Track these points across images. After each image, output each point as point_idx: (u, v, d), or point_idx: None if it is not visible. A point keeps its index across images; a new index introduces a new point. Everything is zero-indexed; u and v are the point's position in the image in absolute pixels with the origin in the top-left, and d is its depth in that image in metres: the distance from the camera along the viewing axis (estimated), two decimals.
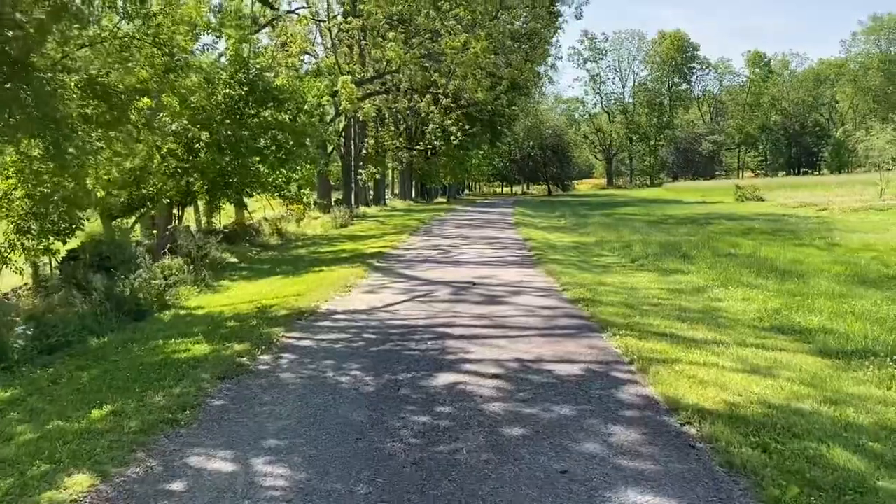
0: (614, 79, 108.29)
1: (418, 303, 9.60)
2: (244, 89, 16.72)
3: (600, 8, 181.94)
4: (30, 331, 8.20)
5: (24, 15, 7.34)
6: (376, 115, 41.32)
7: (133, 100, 10.03)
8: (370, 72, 31.07)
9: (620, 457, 4.24)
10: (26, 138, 8.69)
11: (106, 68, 9.24)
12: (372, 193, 45.35)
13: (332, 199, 36.38)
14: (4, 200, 11.14)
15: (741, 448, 4.22)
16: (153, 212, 17.89)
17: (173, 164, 16.61)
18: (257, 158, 17.63)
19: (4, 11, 7.27)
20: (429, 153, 49.97)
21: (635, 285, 10.65)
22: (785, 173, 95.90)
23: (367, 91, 31.69)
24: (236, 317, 8.99)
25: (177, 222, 19.51)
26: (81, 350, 7.92)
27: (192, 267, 12.68)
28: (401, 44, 26.02)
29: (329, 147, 33.70)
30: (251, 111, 17.07)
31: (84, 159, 8.87)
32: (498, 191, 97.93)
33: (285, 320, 8.52)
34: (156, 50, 9.86)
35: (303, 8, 28.66)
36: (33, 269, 12.27)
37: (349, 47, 29.77)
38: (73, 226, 12.79)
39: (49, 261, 14.62)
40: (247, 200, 24.51)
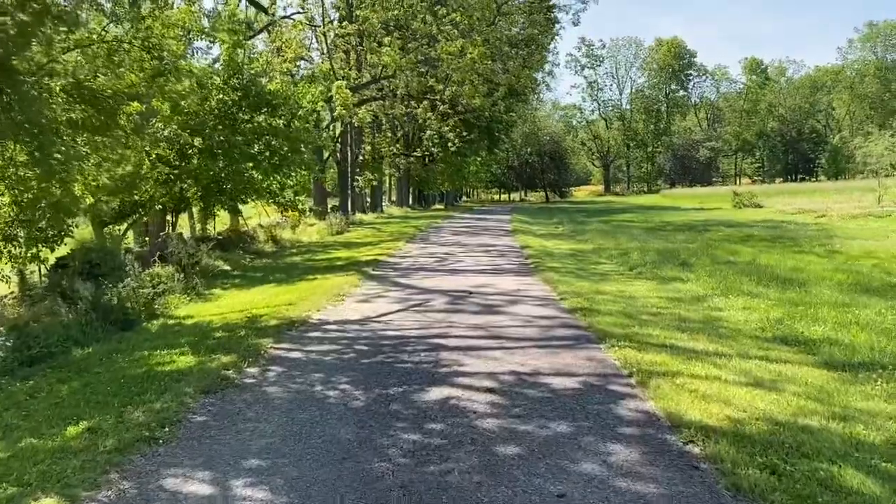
0: (611, 85, 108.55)
1: (413, 312, 9.38)
2: (237, 94, 16.52)
3: (597, 16, 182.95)
4: (10, 342, 7.95)
5: (4, 17, 7.12)
6: (373, 122, 41.21)
7: (121, 104, 9.81)
8: (366, 77, 30.92)
9: (620, 478, 4.02)
10: (10, 143, 8.46)
11: (93, 72, 9.03)
12: (369, 200, 45.17)
13: (329, 205, 36.17)
14: None
15: (748, 469, 3.99)
16: (145, 218, 17.64)
17: (165, 171, 16.42)
18: (251, 164, 17.41)
19: None
20: (426, 160, 49.90)
21: (634, 294, 10.43)
22: (782, 180, 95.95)
23: (363, 97, 31.52)
24: (225, 327, 8.76)
25: (170, 229, 19.28)
26: (64, 362, 7.69)
27: (183, 275, 12.45)
28: (397, 49, 25.87)
29: (325, 153, 33.51)
30: (245, 116, 16.87)
31: (70, 165, 8.64)
32: (496, 198, 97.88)
33: (275, 331, 8.29)
34: (145, 54, 9.67)
35: (298, 13, 28.56)
36: (19, 277, 12.01)
37: (345, 53, 29.64)
38: (62, 233, 12.58)
39: (38, 269, 14.39)
40: (242, 207, 24.28)
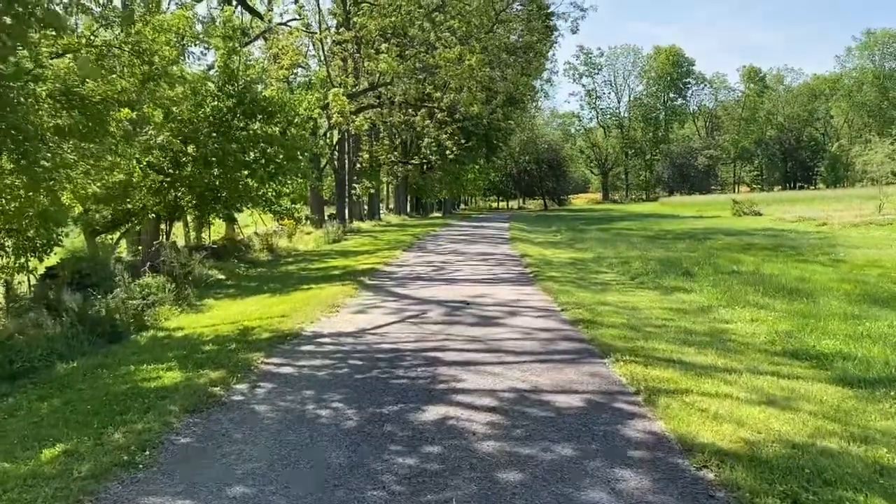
0: (610, 94, 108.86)
1: (409, 324, 9.10)
2: (232, 101, 16.28)
3: (595, 26, 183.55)
4: None
5: None
6: (371, 129, 41.04)
7: (111, 110, 9.56)
8: (364, 84, 30.73)
9: None
10: None
11: (82, 77, 8.78)
12: (366, 208, 44.93)
13: (326, 213, 35.92)
14: None
15: (768, 499, 3.72)
16: (138, 227, 17.36)
17: (159, 179, 16.16)
18: (246, 172, 17.15)
19: None
20: (424, 167, 49.72)
21: (637, 305, 10.17)
22: (780, 188, 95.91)
23: (360, 104, 31.32)
24: (215, 339, 8.48)
25: (164, 238, 18.99)
26: (47, 377, 7.40)
27: (174, 285, 12.16)
28: (394, 56, 25.68)
29: (322, 161, 33.28)
30: (240, 124, 16.61)
31: (56, 173, 8.38)
32: (494, 205, 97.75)
33: (267, 344, 8.01)
34: (135, 59, 9.43)
35: (295, 20, 28.37)
36: (5, 288, 11.71)
37: (343, 60, 29.47)
38: (51, 242, 12.28)
39: (28, 279, 14.09)
40: (239, 216, 24.03)
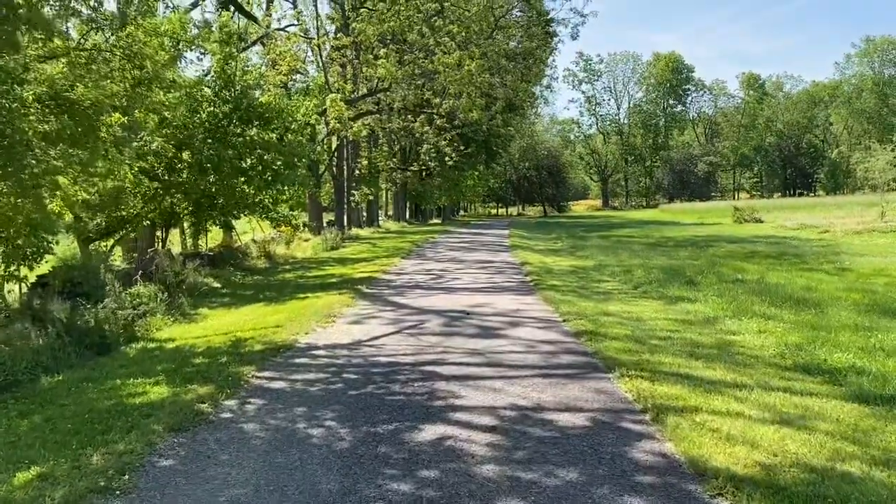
0: (609, 100, 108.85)
1: (406, 336, 8.84)
2: (228, 107, 16.05)
3: (595, 34, 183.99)
4: None
5: None
6: (370, 136, 40.84)
7: (102, 115, 9.32)
8: (362, 90, 30.53)
9: None
10: None
11: (71, 81, 8.55)
12: (365, 215, 44.70)
13: (324, 220, 35.68)
14: None
15: None
16: (132, 234, 17.09)
17: (154, 186, 15.91)
18: (242, 179, 16.90)
19: None
20: (423, 174, 49.51)
21: (640, 315, 9.91)
22: (780, 194, 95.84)
23: (359, 111, 31.11)
24: (206, 352, 8.22)
25: (160, 245, 18.73)
26: (30, 391, 7.12)
27: (167, 294, 11.89)
28: (393, 61, 25.48)
29: (321, 167, 33.06)
30: (236, 130, 16.38)
31: (41, 180, 8.13)
32: (493, 212, 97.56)
33: (259, 356, 7.75)
34: (126, 63, 9.20)
35: (293, 25, 28.22)
36: None
37: (342, 66, 29.27)
38: (41, 250, 12.03)
39: (19, 287, 13.81)
40: (237, 223, 23.77)
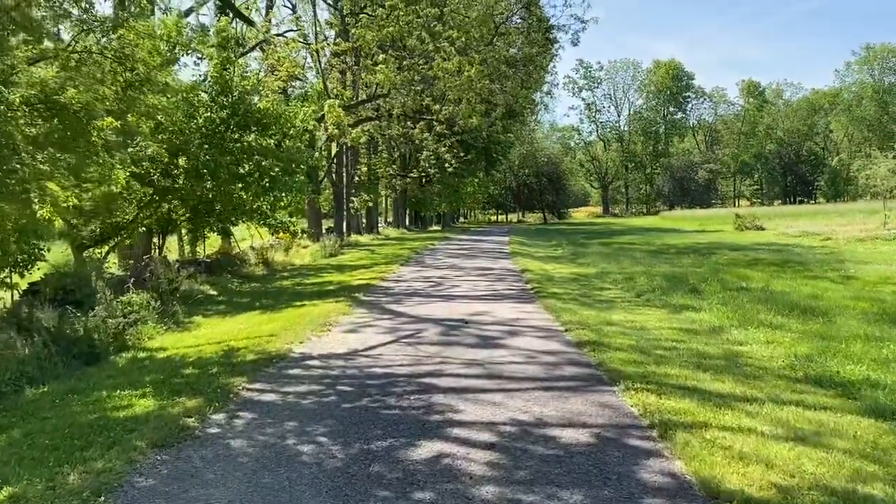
0: (609, 107, 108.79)
1: (403, 345, 8.59)
2: (225, 112, 15.84)
3: (595, 41, 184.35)
4: None
5: None
6: (369, 142, 40.67)
7: (93, 119, 9.10)
8: (362, 96, 30.36)
9: None
10: None
11: (60, 84, 8.33)
12: (364, 221, 44.50)
13: (324, 227, 35.47)
14: None
15: None
16: (128, 241, 16.85)
17: (149, 192, 15.70)
18: (240, 185, 16.68)
19: None
20: (423, 181, 49.36)
21: (644, 324, 9.66)
22: (780, 202, 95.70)
23: (359, 117, 30.93)
24: (197, 362, 7.97)
25: (157, 252, 18.49)
26: (13, 403, 6.86)
27: (160, 302, 11.64)
28: (392, 67, 25.31)
29: (320, 174, 32.85)
30: (233, 135, 16.17)
31: (28, 185, 7.91)
32: (493, 219, 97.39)
33: (251, 367, 7.50)
34: (117, 65, 8.98)
35: (291, 31, 28.07)
36: None
37: (341, 72, 29.12)
38: (32, 257, 11.81)
39: (11, 294, 13.57)
40: (236, 229, 23.54)
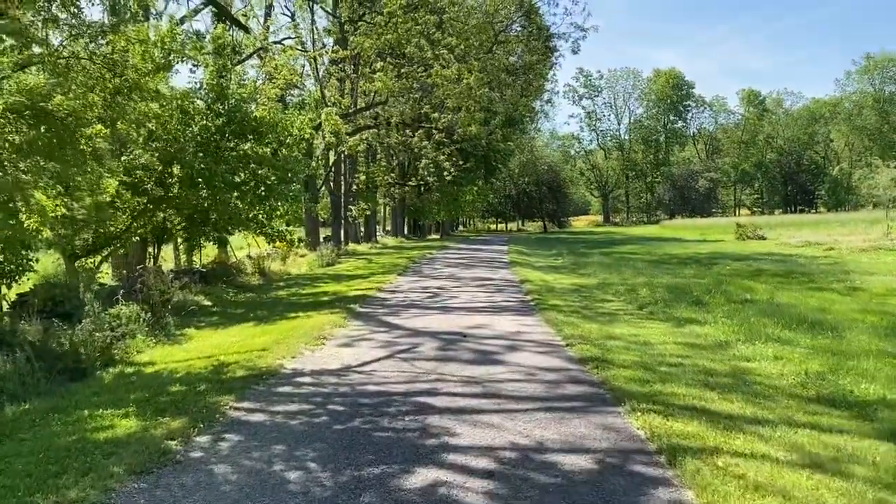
0: (610, 116, 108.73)
1: (399, 361, 8.30)
2: (221, 120, 15.60)
3: (595, 49, 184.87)
4: None
5: None
6: (368, 151, 40.48)
7: (81, 126, 8.85)
8: (360, 104, 30.20)
9: None
10: None
11: (46, 89, 8.09)
12: (362, 230, 44.25)
13: (321, 235, 35.20)
14: None
15: None
16: (121, 251, 16.57)
17: (143, 201, 15.45)
18: (235, 194, 16.42)
19: None
20: (421, 189, 49.15)
21: (648, 339, 9.38)
22: (781, 211, 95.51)
23: (357, 125, 30.75)
24: (185, 378, 7.67)
25: (152, 261, 18.21)
26: None
27: (151, 313, 11.35)
28: (391, 75, 25.13)
29: (318, 182, 32.63)
30: (229, 144, 15.92)
31: (10, 194, 7.66)
32: (492, 227, 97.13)
33: (241, 384, 7.21)
34: (105, 71, 8.74)
35: (289, 38, 27.93)
36: None
37: (339, 81, 28.97)
38: (21, 267, 11.55)
39: (0, 306, 13.30)
40: (233, 238, 23.28)
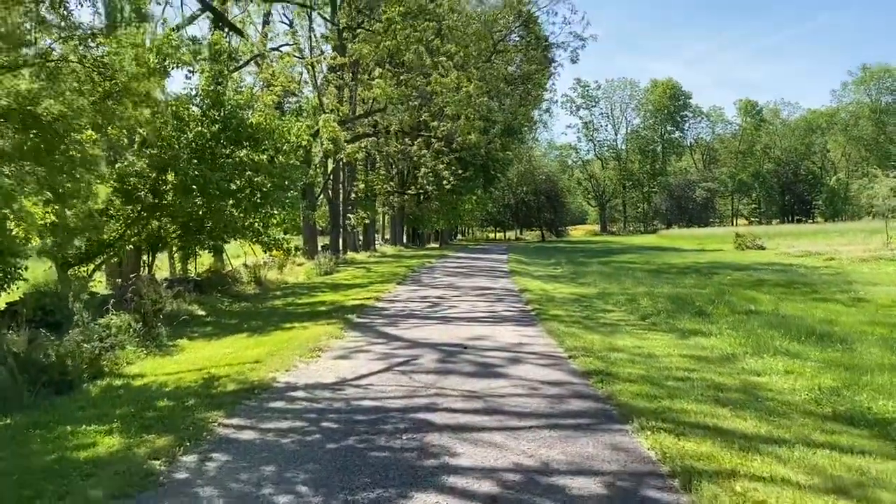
0: (607, 126, 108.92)
1: (397, 374, 8.02)
2: (216, 126, 15.36)
3: (592, 60, 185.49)
4: None
5: None
6: (367, 159, 40.28)
7: (70, 131, 8.60)
8: (358, 111, 30.03)
9: None
10: None
11: (34, 92, 7.85)
12: (361, 239, 44.00)
13: (320, 244, 34.94)
14: None
15: None
16: (115, 259, 16.29)
17: (137, 208, 15.19)
18: (231, 202, 16.16)
19: None
20: (420, 197, 48.96)
21: (652, 351, 9.12)
22: (779, 221, 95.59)
23: (356, 133, 30.55)
24: (174, 392, 7.39)
25: (146, 270, 17.92)
26: None
27: (143, 323, 11.07)
28: (390, 82, 24.96)
29: (316, 190, 32.39)
30: (224, 150, 15.68)
31: None
32: (491, 236, 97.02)
33: (231, 399, 6.93)
34: (96, 75, 8.51)
35: (287, 45, 27.77)
36: None
37: (338, 88, 28.80)
38: (9, 276, 11.26)
39: None
40: (230, 247, 23.00)
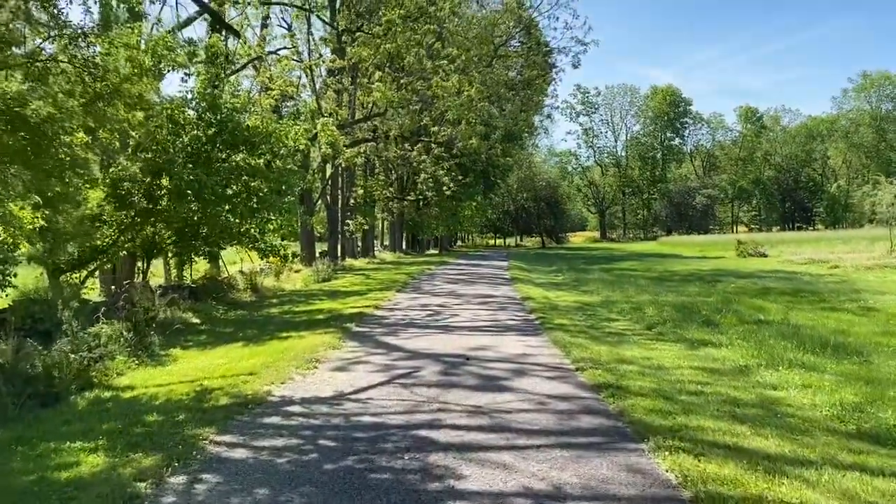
0: (607, 132, 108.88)
1: (398, 387, 7.69)
2: (212, 130, 15.07)
3: (593, 67, 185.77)
4: None
5: None
6: (366, 164, 40.02)
7: (59, 134, 8.30)
8: (357, 115, 29.76)
9: None
10: None
11: (21, 93, 7.56)
12: (360, 245, 43.68)
13: (318, 250, 34.62)
14: None
15: None
16: (108, 265, 15.98)
17: (130, 214, 14.90)
18: (227, 207, 15.84)
19: None
20: (420, 203, 48.68)
21: (662, 363, 8.80)
22: (779, 228, 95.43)
23: (355, 138, 30.28)
24: (164, 406, 7.06)
25: (141, 276, 17.60)
26: None
27: (135, 332, 10.73)
28: (390, 86, 24.70)
29: (315, 196, 32.09)
30: (220, 155, 15.38)
31: None
32: (490, 242, 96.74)
33: (223, 413, 6.60)
34: (86, 75, 8.22)
35: (285, 48, 27.54)
36: None
37: (337, 93, 28.54)
38: None
39: None
40: (226, 253, 22.70)
